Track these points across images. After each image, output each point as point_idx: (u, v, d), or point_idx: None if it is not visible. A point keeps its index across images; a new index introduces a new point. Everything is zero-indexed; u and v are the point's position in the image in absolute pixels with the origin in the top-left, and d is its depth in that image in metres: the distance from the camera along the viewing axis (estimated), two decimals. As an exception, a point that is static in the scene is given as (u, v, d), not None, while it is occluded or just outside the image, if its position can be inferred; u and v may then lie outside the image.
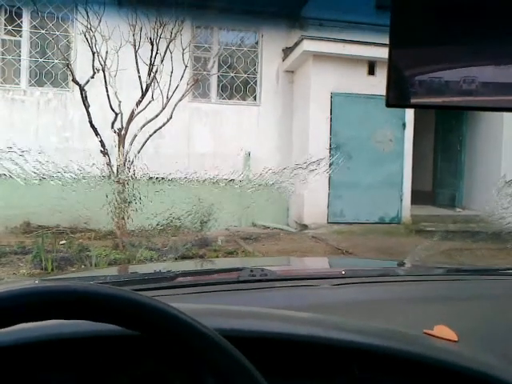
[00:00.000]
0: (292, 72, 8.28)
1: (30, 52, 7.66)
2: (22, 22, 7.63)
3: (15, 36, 7.63)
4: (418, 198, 8.08)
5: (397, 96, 0.58)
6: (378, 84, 7.48)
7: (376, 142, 7.41)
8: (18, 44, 7.65)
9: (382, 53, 7.39)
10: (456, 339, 0.81)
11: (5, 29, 7.61)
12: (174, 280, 1.21)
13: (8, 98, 7.38)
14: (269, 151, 7.96)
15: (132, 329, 0.53)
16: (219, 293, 1.09)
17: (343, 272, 1.32)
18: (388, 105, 0.58)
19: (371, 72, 7.58)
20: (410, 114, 7.60)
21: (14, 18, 7.61)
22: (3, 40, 7.62)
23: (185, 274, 1.38)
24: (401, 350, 0.73)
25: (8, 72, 7.61)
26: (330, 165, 7.36)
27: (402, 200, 7.62)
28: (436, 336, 0.81)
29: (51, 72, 7.68)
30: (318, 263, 2.11)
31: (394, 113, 7.52)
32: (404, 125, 7.61)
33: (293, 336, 0.74)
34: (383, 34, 7.46)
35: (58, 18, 7.65)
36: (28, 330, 0.61)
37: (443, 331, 0.83)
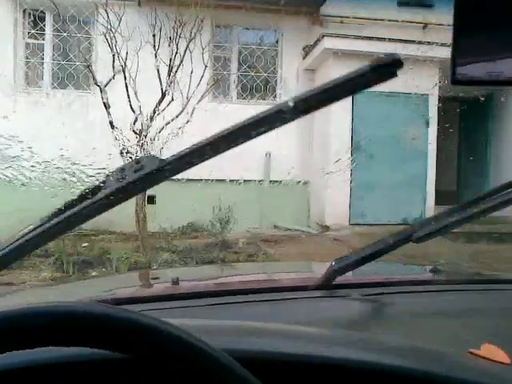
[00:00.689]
0: (312, 70, 8.18)
1: (53, 55, 7.75)
2: (44, 25, 7.72)
3: (38, 39, 7.72)
4: (441, 198, 7.90)
5: (462, 73, 0.58)
6: (400, 81, 7.34)
7: (398, 140, 7.27)
8: (41, 47, 7.74)
9: (403, 49, 7.26)
10: (508, 362, 0.70)
11: (28, 32, 7.71)
12: (187, 289, 1.16)
13: (31, 101, 7.47)
14: (289, 151, 7.89)
15: (128, 353, 0.47)
16: (237, 305, 1.02)
17: (374, 280, 1.22)
18: (453, 82, 0.58)
19: (394, 69, 7.43)
20: (433, 111, 7.45)
21: (37, 21, 7.70)
22: (27, 43, 7.72)
23: (201, 281, 1.31)
24: (442, 375, 0.63)
25: (31, 75, 7.70)
26: (352, 165, 7.27)
27: (425, 200, 7.46)
28: (484, 357, 0.71)
29: (73, 74, 7.75)
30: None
31: (417, 110, 7.38)
32: (427, 123, 7.46)
33: (317, 358, 0.66)
34: (405, 31, 7.35)
35: (79, 20, 7.72)
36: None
37: (492, 351, 0.72)
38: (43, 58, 7.72)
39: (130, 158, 5.57)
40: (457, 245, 6.19)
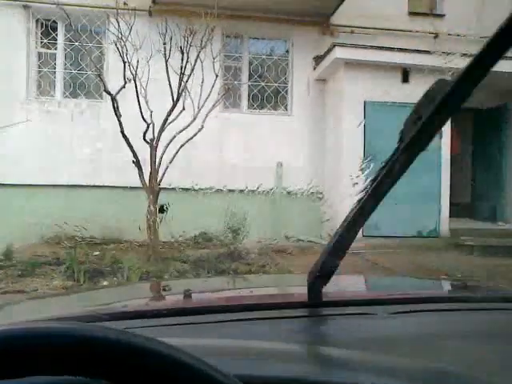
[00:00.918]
0: (323, 80, 8.15)
1: (65, 64, 7.78)
2: (57, 35, 7.77)
3: (50, 49, 7.76)
4: (455, 210, 7.78)
5: None
6: (412, 92, 7.29)
7: (411, 151, 7.18)
8: (53, 57, 7.77)
9: (417, 59, 7.22)
10: None
11: (41, 42, 7.75)
12: (192, 304, 1.09)
13: (43, 110, 7.49)
14: (301, 162, 7.83)
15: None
16: (249, 322, 0.93)
17: (399, 296, 1.12)
18: None
19: (405, 79, 7.38)
20: (446, 123, 7.36)
21: (49, 31, 7.75)
22: (39, 53, 7.75)
23: (213, 295, 1.24)
24: None
25: (44, 84, 7.73)
26: (364, 176, 7.18)
27: (440, 213, 7.34)
28: None
29: (84, 83, 7.77)
30: (360, 283, 1.83)
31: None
32: (441, 134, 7.36)
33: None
34: (416, 40, 7.31)
35: (91, 30, 7.76)
36: None
37: None
38: (55, 68, 7.75)
39: (138, 166, 5.53)
40: (472, 258, 6.08)
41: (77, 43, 7.60)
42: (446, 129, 7.35)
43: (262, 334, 0.86)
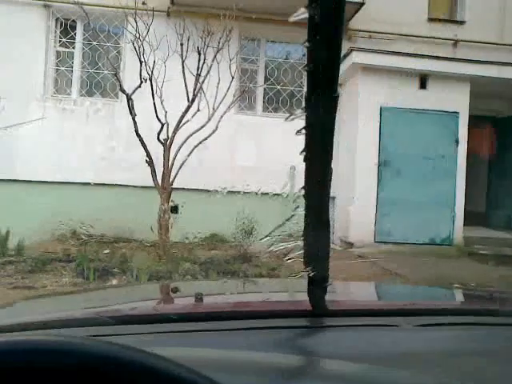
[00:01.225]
0: (340, 85, 8.06)
1: (82, 63, 7.85)
2: (75, 34, 7.84)
3: (68, 48, 7.84)
4: (469, 218, 7.66)
5: None
6: (429, 98, 7.20)
7: (427, 158, 7.10)
8: (70, 55, 7.85)
9: (435, 66, 7.14)
10: None
11: (60, 41, 7.83)
12: (209, 309, 1.04)
13: (59, 108, 7.55)
14: (314, 165, 7.76)
15: None
16: (259, 332, 0.87)
17: (425, 307, 1.05)
18: None
19: (423, 86, 7.30)
20: (463, 129, 7.27)
21: (68, 30, 7.83)
22: (57, 51, 7.83)
23: (224, 300, 1.19)
24: None
25: (60, 82, 7.80)
26: (378, 181, 7.11)
27: (454, 220, 7.23)
28: None
29: (101, 82, 7.83)
30: (375, 291, 1.71)
31: (447, 129, 7.22)
32: (457, 141, 7.27)
33: None
34: (435, 47, 7.22)
35: (109, 30, 7.82)
36: None
37: None
38: (72, 66, 7.82)
39: (151, 165, 5.54)
40: (485, 267, 5.97)
41: (95, 42, 7.67)
42: (463, 135, 7.26)
43: (263, 345, 0.81)
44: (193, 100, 5.79)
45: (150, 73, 5.54)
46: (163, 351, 0.67)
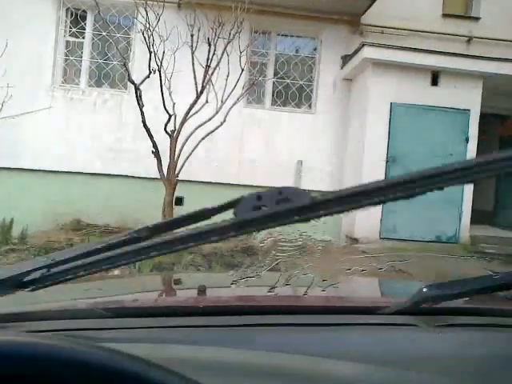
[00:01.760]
0: (350, 80, 8.03)
1: (91, 53, 7.85)
2: (85, 24, 7.84)
3: (78, 38, 7.84)
4: (477, 217, 7.59)
5: None
6: (441, 95, 7.12)
7: (436, 156, 7.02)
8: (80, 45, 7.85)
9: (448, 62, 7.05)
10: None
11: (69, 31, 7.84)
12: (213, 302, 1.01)
13: (67, 98, 7.57)
14: (321, 160, 7.74)
15: None
16: (275, 328, 0.83)
17: (445, 306, 0.96)
18: None
19: (435, 82, 7.21)
20: (473, 127, 7.18)
21: (78, 20, 7.83)
22: (67, 41, 7.84)
23: (227, 293, 1.16)
24: None
25: (69, 72, 7.82)
26: (385, 177, 7.06)
27: (460, 218, 7.17)
28: None
29: (109, 73, 7.83)
30: (390, 287, 1.62)
31: (457, 127, 7.14)
32: (467, 139, 7.18)
33: None
34: (448, 43, 7.11)
35: (119, 20, 7.81)
36: None
37: None
38: (81, 56, 7.83)
39: (157, 157, 5.54)
40: (492, 266, 5.91)
41: (104, 33, 7.67)
42: (473, 134, 7.18)
43: (269, 344, 0.76)
44: (201, 92, 5.78)
45: (159, 64, 5.53)
46: (160, 348, 0.65)
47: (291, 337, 0.81)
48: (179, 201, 5.69)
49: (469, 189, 7.21)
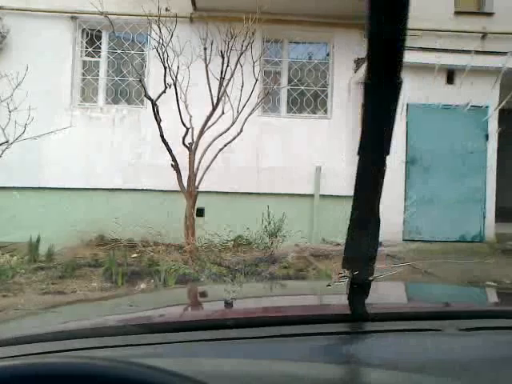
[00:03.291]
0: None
1: (107, 71, 8.00)
2: (100, 43, 8.00)
3: (94, 57, 8.00)
4: (502, 214, 7.45)
5: None
6: (457, 93, 7.04)
7: (456, 154, 6.94)
8: (96, 64, 8.01)
9: (462, 60, 6.97)
10: None
11: (86, 51, 8.01)
12: (240, 314, 1.02)
13: (86, 116, 7.72)
14: (340, 165, 7.71)
15: None
16: (293, 339, 0.82)
17: (470, 309, 0.97)
18: None
19: (450, 81, 7.15)
20: (493, 124, 7.08)
21: (93, 40, 7.99)
22: (84, 61, 8.01)
23: (255, 304, 1.15)
24: None
25: (87, 91, 7.97)
26: (406, 179, 6.99)
27: (484, 217, 7.05)
28: None
29: (126, 90, 7.96)
30: (410, 293, 1.57)
31: (476, 124, 7.04)
32: (487, 136, 7.09)
33: None
34: (463, 40, 7.04)
35: (133, 38, 7.94)
36: None
37: None
38: (98, 75, 7.98)
39: (177, 169, 5.59)
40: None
41: (119, 51, 7.81)
42: (493, 130, 7.07)
43: (297, 353, 0.76)
44: (217, 103, 5.83)
45: (174, 78, 5.60)
46: (188, 362, 0.66)
47: (317, 345, 0.81)
48: (200, 212, 5.73)
49: (492, 186, 7.09)
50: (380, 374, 0.67)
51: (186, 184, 5.69)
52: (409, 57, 5.79)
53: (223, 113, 5.89)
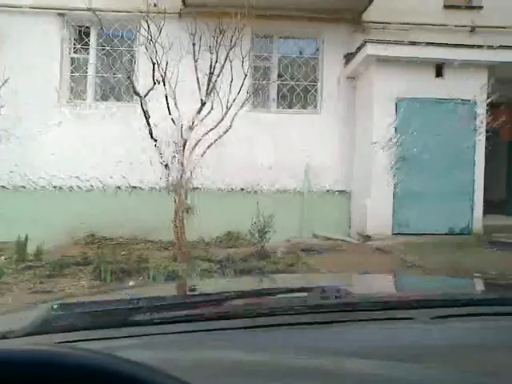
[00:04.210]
0: (354, 78, 8.02)
1: (96, 68, 7.95)
2: (89, 40, 7.94)
3: (83, 54, 7.95)
4: (489, 207, 7.51)
5: None
6: (446, 87, 7.08)
7: (444, 147, 6.98)
8: (85, 61, 7.96)
9: (451, 53, 7.01)
10: None
11: (74, 48, 7.96)
12: (222, 307, 1.02)
13: (75, 113, 7.67)
14: (330, 160, 7.74)
15: None
16: (278, 329, 0.83)
17: (441, 298, 0.99)
18: None
19: (439, 74, 7.18)
20: (482, 117, 7.12)
21: (82, 37, 7.94)
22: (72, 58, 7.96)
23: (235, 297, 1.16)
24: None
25: (76, 88, 7.92)
26: (395, 173, 7.03)
27: (472, 210, 7.12)
28: None
29: (115, 86, 7.92)
30: (389, 283, 1.63)
31: (464, 117, 7.08)
32: (475, 129, 7.13)
33: None
34: (451, 34, 7.06)
35: (122, 34, 7.90)
36: None
37: None
38: (87, 72, 7.93)
39: (166, 166, 5.59)
40: (506, 256, 5.84)
41: (108, 47, 7.77)
42: (481, 124, 7.12)
43: (269, 344, 0.77)
44: (206, 99, 5.82)
45: (162, 74, 5.58)
46: (170, 353, 0.67)
47: (307, 335, 0.83)
48: (189, 209, 5.73)
49: (480, 179, 7.16)
50: (353, 362, 0.69)
51: (175, 181, 5.68)
52: (398, 51, 5.81)
53: (212, 109, 5.87)
